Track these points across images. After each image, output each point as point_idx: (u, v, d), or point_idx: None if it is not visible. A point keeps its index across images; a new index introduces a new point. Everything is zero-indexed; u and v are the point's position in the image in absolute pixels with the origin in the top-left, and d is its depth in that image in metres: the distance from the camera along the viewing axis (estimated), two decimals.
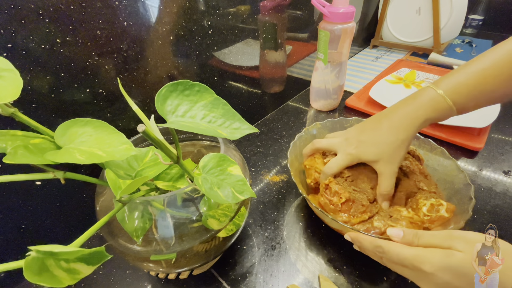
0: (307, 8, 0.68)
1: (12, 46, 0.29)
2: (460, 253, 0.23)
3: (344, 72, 0.65)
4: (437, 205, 0.34)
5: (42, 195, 0.36)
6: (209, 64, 0.50)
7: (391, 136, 0.34)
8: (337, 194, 0.36)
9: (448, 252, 0.23)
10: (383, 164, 0.35)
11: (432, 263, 0.23)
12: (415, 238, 0.26)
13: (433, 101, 0.33)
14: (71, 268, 0.18)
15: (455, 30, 0.92)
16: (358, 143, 0.36)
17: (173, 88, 0.22)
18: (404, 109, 0.35)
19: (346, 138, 0.38)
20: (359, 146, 0.36)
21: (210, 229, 0.29)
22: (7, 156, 0.18)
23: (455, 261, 0.22)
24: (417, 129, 0.34)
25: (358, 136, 0.37)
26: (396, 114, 0.35)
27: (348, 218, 0.35)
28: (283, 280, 0.36)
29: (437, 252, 0.24)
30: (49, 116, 0.34)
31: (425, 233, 0.26)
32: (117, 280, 0.37)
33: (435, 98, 0.33)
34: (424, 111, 0.33)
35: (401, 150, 0.35)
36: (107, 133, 0.22)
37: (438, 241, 0.25)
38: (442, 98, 0.32)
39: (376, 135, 0.36)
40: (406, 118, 0.34)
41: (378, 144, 0.35)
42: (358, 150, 0.36)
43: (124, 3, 0.35)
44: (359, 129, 0.38)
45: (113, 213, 0.23)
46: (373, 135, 0.36)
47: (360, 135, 0.37)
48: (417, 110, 0.34)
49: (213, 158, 0.26)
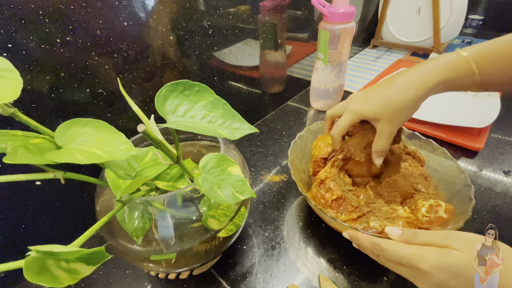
0: (307, 8, 0.68)
1: (12, 46, 0.29)
2: (456, 251, 0.23)
3: (344, 72, 0.65)
4: (436, 206, 0.34)
5: (42, 195, 0.36)
6: (209, 64, 0.50)
7: (398, 95, 0.32)
8: (330, 190, 0.36)
9: (445, 250, 0.23)
10: (382, 123, 0.34)
11: (428, 262, 0.23)
12: (413, 237, 0.26)
13: (453, 61, 0.31)
14: (71, 268, 0.18)
15: (455, 30, 0.92)
16: (362, 100, 0.35)
17: (173, 88, 0.22)
18: (419, 68, 0.32)
19: (351, 96, 0.37)
20: (363, 103, 0.35)
21: (210, 229, 0.29)
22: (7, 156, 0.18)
23: (451, 260, 0.22)
24: (430, 90, 0.31)
25: (364, 93, 0.36)
26: (410, 73, 0.33)
27: (335, 215, 0.36)
28: (283, 280, 0.36)
29: (434, 250, 0.24)
30: (49, 116, 0.34)
31: (423, 232, 0.26)
32: (117, 280, 0.37)
33: (456, 58, 0.31)
34: (441, 70, 0.31)
35: (405, 111, 0.32)
36: (107, 133, 0.22)
37: (435, 239, 0.25)
38: (464, 59, 0.30)
39: (382, 93, 0.34)
40: (419, 76, 0.32)
41: (382, 102, 0.33)
42: (361, 106, 0.34)
43: (124, 3, 0.35)
44: (368, 87, 0.37)
45: (113, 213, 0.23)
46: (380, 93, 0.34)
47: (367, 92, 0.35)
48: (433, 70, 0.31)
49: (213, 158, 0.26)
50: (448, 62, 0.31)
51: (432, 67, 0.31)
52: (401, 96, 0.32)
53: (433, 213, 0.34)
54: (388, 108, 0.33)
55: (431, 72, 0.31)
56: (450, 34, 0.92)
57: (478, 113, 0.57)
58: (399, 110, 0.32)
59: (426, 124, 0.59)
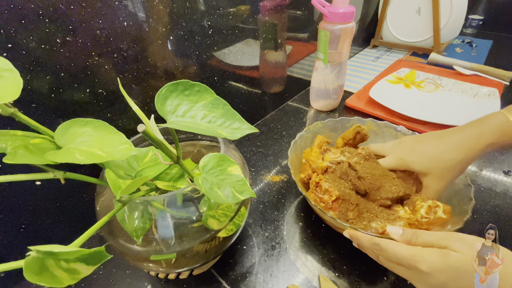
0: (307, 8, 0.68)
1: (12, 46, 0.29)
2: (456, 253, 0.23)
3: (344, 72, 0.65)
4: (434, 207, 0.34)
5: (42, 195, 0.36)
6: (209, 64, 0.50)
7: (449, 154, 0.33)
8: (327, 192, 0.36)
9: (445, 252, 0.23)
10: (431, 179, 0.35)
11: (428, 263, 0.23)
12: (413, 237, 0.26)
13: (502, 125, 0.32)
14: (71, 268, 0.18)
15: (455, 30, 0.92)
16: (412, 151, 0.36)
17: (173, 88, 0.22)
18: (469, 130, 0.34)
19: (400, 142, 0.38)
20: (412, 154, 0.36)
21: (210, 229, 0.29)
22: (7, 156, 0.18)
23: (450, 261, 0.22)
24: (479, 152, 0.32)
25: (413, 144, 0.37)
26: (460, 134, 0.34)
27: (338, 216, 0.35)
28: (283, 280, 0.36)
29: (433, 252, 0.24)
30: (49, 116, 0.34)
31: (423, 232, 0.26)
32: (117, 280, 0.37)
33: (504, 122, 0.32)
34: (490, 135, 0.32)
35: (455, 171, 0.33)
36: (107, 133, 0.22)
37: (435, 240, 0.25)
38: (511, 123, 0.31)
39: (433, 148, 0.35)
40: (469, 139, 0.33)
41: (433, 159, 0.34)
42: (410, 157, 0.36)
43: (124, 3, 0.35)
44: (416, 138, 0.37)
45: (113, 213, 0.23)
46: (430, 148, 0.35)
47: (416, 144, 0.36)
48: (483, 133, 0.32)
49: (213, 158, 0.26)
50: (498, 125, 0.32)
51: (482, 131, 0.32)
52: (451, 155, 0.33)
53: (432, 214, 0.34)
54: (439, 165, 0.34)
55: (481, 135, 0.32)
56: (450, 34, 0.92)
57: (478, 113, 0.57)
58: (448, 169, 0.33)
59: (426, 124, 0.59)
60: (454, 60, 0.84)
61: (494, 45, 1.01)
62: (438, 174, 0.34)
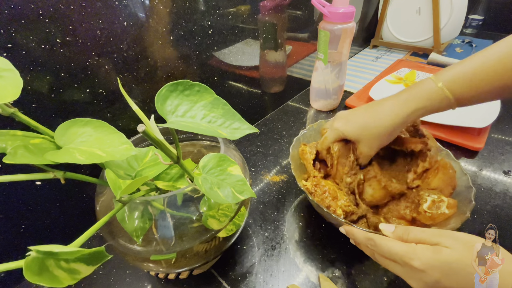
0: (307, 8, 0.68)
1: (12, 46, 0.29)
2: (447, 249, 0.23)
3: (344, 72, 0.65)
4: (438, 202, 0.33)
5: (42, 195, 0.36)
6: (209, 64, 0.50)
7: (376, 121, 0.35)
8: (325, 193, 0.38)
9: (437, 248, 0.23)
10: (362, 146, 0.37)
11: (421, 260, 0.23)
12: (405, 233, 0.27)
13: (427, 92, 0.32)
14: (71, 268, 0.18)
15: (455, 30, 0.92)
16: (345, 121, 0.39)
17: (173, 88, 0.22)
18: (396, 97, 0.35)
19: (336, 116, 0.41)
20: (346, 124, 0.38)
21: (210, 229, 0.29)
22: (7, 156, 0.18)
23: (443, 257, 0.23)
24: (405, 118, 0.33)
25: (347, 115, 0.39)
26: (386, 102, 0.35)
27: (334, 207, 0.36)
28: (283, 280, 0.36)
29: (426, 248, 0.24)
30: (49, 116, 0.34)
31: (415, 229, 0.27)
32: (117, 280, 0.37)
33: (430, 88, 0.32)
34: (416, 101, 0.33)
35: (382, 137, 0.36)
36: (107, 133, 0.22)
37: (427, 236, 0.25)
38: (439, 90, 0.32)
39: (363, 117, 0.37)
40: (395, 106, 0.34)
41: (362, 127, 0.36)
42: (344, 127, 0.38)
43: (124, 3, 0.35)
44: (351, 110, 0.40)
45: (113, 213, 0.23)
46: (360, 117, 0.37)
47: (350, 114, 0.39)
48: (409, 99, 0.33)
49: (213, 158, 0.26)
50: (423, 93, 0.33)
51: (408, 97, 0.34)
52: (378, 123, 0.35)
53: (435, 209, 0.33)
54: (366, 133, 0.36)
55: (406, 102, 0.33)
56: (450, 34, 0.92)
57: (478, 113, 0.57)
58: (377, 135, 0.36)
59: (426, 124, 0.59)
60: (454, 60, 0.84)
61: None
62: (367, 142, 0.36)
